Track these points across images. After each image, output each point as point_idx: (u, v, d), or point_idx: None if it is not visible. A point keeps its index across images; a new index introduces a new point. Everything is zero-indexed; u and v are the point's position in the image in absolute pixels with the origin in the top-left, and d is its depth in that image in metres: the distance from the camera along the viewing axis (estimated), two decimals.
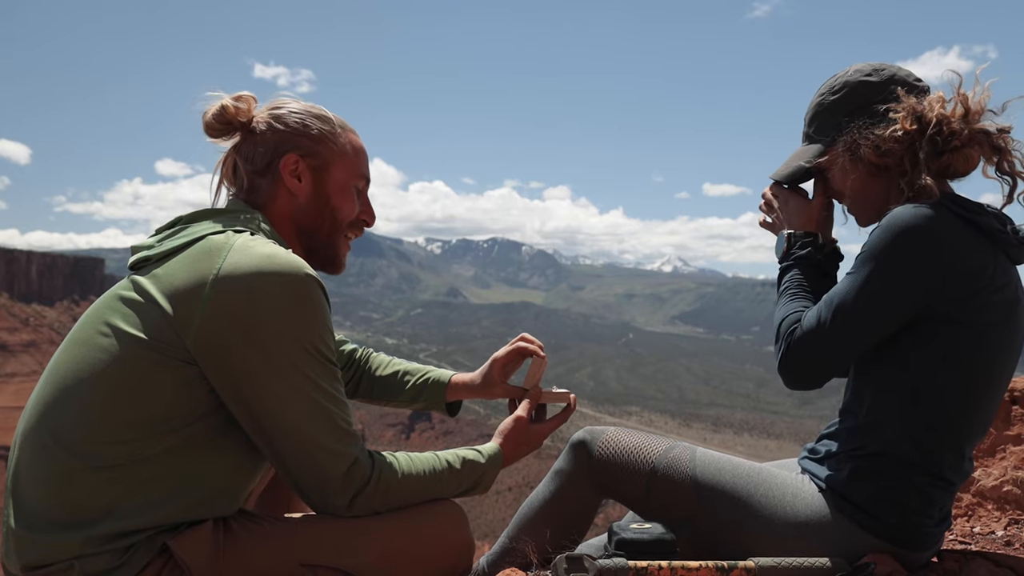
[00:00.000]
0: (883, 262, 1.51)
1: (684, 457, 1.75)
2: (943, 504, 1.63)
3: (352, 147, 1.65)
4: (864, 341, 1.58)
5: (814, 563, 1.50)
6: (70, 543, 1.31)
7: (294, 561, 1.42)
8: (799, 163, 1.79)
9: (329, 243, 1.65)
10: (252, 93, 1.61)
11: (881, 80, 1.68)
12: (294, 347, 1.36)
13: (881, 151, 1.62)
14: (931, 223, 1.49)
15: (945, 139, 1.56)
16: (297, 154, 1.58)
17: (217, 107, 1.57)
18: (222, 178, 1.64)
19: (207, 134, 1.60)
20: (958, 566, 1.65)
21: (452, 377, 2.01)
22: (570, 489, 1.82)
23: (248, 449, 1.44)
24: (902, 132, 1.59)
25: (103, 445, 1.33)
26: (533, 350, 1.90)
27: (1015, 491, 2.44)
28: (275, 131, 1.58)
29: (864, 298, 1.53)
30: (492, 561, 1.86)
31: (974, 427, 1.61)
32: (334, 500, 1.43)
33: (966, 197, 1.61)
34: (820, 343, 1.57)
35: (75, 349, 1.41)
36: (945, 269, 1.49)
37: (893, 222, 1.51)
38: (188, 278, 1.36)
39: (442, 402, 2.01)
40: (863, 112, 1.66)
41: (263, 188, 1.59)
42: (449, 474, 1.58)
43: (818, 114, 1.76)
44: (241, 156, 1.60)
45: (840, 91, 1.71)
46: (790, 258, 1.78)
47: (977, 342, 1.53)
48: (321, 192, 1.61)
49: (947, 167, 1.60)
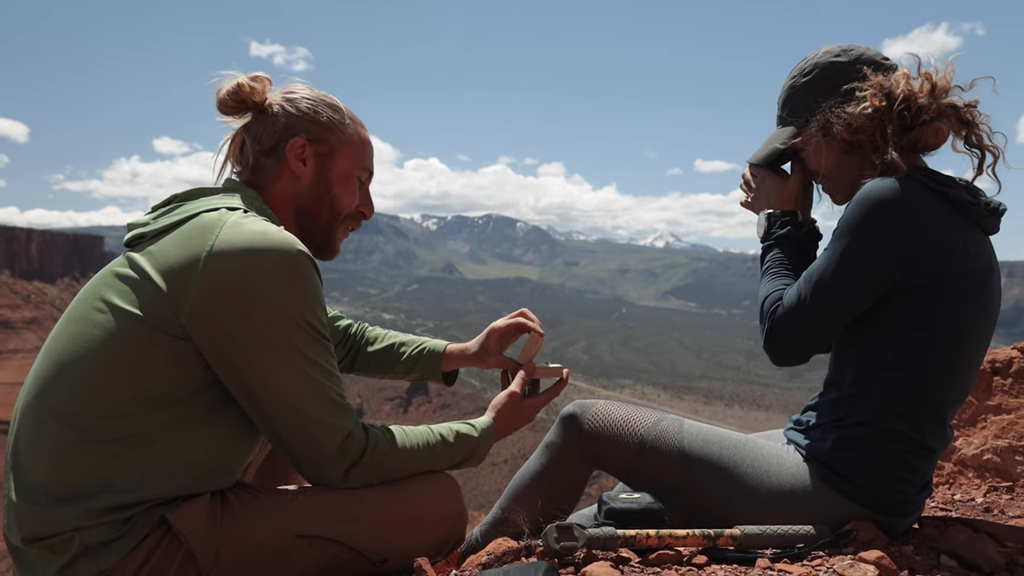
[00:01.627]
0: (857, 235, 1.53)
1: (672, 429, 1.76)
2: (925, 472, 1.65)
3: (359, 139, 1.66)
4: (844, 314, 1.59)
5: (798, 530, 1.52)
6: (69, 515, 1.32)
7: (290, 532, 1.43)
8: (774, 145, 1.81)
9: (326, 229, 1.65)
10: (268, 75, 1.61)
11: (849, 60, 1.70)
12: (286, 322, 1.36)
13: (853, 128, 1.64)
14: (901, 195, 1.51)
15: (913, 114, 1.59)
16: (305, 138, 1.58)
17: (233, 84, 1.56)
18: (228, 156, 1.64)
19: (220, 111, 1.59)
20: (938, 532, 1.67)
21: (447, 347, 2.03)
22: (561, 461, 1.84)
23: (244, 423, 1.45)
24: (872, 109, 1.61)
25: (100, 420, 1.34)
26: (532, 327, 1.92)
27: (995, 459, 2.46)
28: (286, 114, 1.59)
29: (841, 271, 1.54)
30: (485, 531, 1.88)
31: (954, 394, 1.62)
32: (329, 472, 1.44)
33: (937, 170, 1.63)
34: (801, 319, 1.59)
35: (72, 325, 1.41)
36: (917, 239, 1.51)
37: (864, 195, 1.53)
38: (182, 255, 1.35)
39: (438, 371, 2.03)
40: (834, 92, 1.69)
41: (267, 168, 1.59)
42: (443, 447, 1.59)
43: (791, 96, 1.78)
44: (250, 135, 1.60)
45: (811, 73, 1.73)
46: (771, 237, 1.80)
47: (954, 311, 1.55)
48: (324, 178, 1.61)
49: (917, 141, 1.62)
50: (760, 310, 1.66)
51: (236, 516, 1.41)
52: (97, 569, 1.31)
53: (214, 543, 1.36)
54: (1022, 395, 2.55)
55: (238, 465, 1.50)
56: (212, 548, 1.36)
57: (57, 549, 1.33)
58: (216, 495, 1.42)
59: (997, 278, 1.61)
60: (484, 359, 1.99)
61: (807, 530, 1.52)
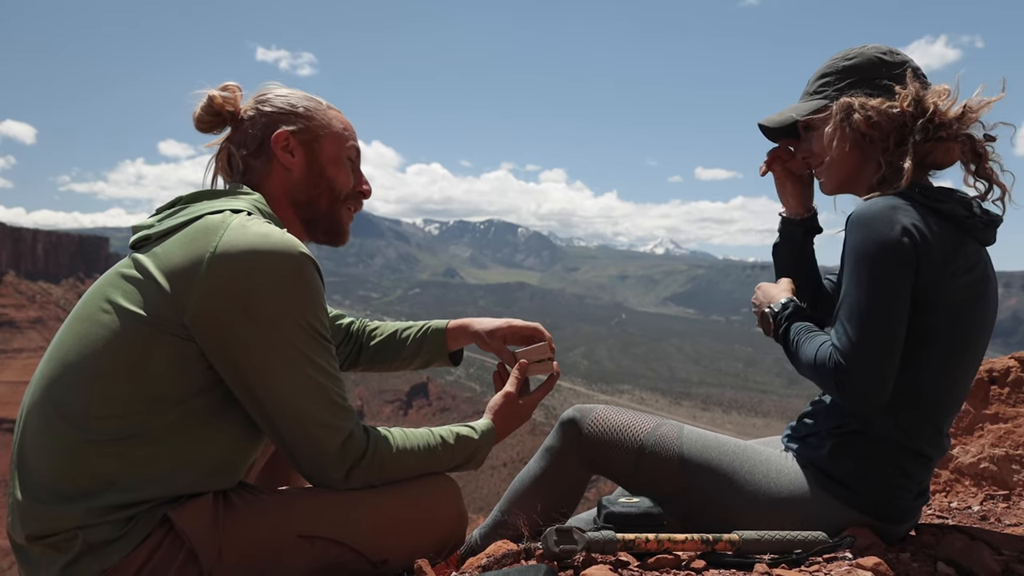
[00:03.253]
0: (873, 254, 1.50)
1: (671, 435, 1.76)
2: (921, 479, 1.64)
3: (340, 121, 1.67)
4: (899, 330, 1.51)
5: (796, 536, 1.52)
6: (73, 514, 1.31)
7: (292, 532, 1.43)
8: (791, 114, 1.79)
9: (331, 213, 1.66)
10: (237, 83, 1.63)
11: (894, 61, 1.68)
12: (288, 323, 1.36)
13: (872, 122, 1.62)
14: (899, 212, 1.50)
15: (935, 128, 1.58)
16: (287, 130, 1.59)
17: (205, 100, 1.59)
18: (216, 171, 1.65)
19: (198, 128, 1.61)
20: (935, 539, 1.67)
21: (449, 323, 2.04)
22: (560, 465, 1.83)
23: (247, 424, 1.45)
24: (898, 110, 1.60)
25: (105, 419, 1.34)
26: (547, 337, 1.91)
27: (991, 468, 2.46)
28: (263, 114, 1.60)
29: (874, 292, 1.50)
30: (485, 534, 1.88)
31: (950, 402, 1.62)
32: (330, 473, 1.44)
33: (932, 185, 1.63)
34: (863, 354, 1.50)
35: (78, 325, 1.41)
36: (918, 253, 1.49)
37: (864, 216, 1.51)
38: (185, 256, 1.36)
39: (444, 351, 2.03)
40: (868, 84, 1.67)
41: (258, 168, 1.60)
42: (443, 449, 1.59)
43: (826, 74, 1.75)
44: (234, 144, 1.61)
45: (853, 59, 1.71)
46: (781, 322, 1.72)
47: (951, 321, 1.54)
48: (314, 164, 1.62)
49: (927, 155, 1.62)
50: (815, 368, 1.56)
51: (238, 516, 1.40)
52: (100, 567, 1.31)
53: (216, 542, 1.36)
54: (1019, 404, 2.54)
55: (241, 465, 1.50)
56: (214, 547, 1.36)
57: (60, 547, 1.33)
58: (219, 495, 1.42)
59: (994, 287, 1.61)
60: (488, 341, 1.98)
61: (805, 536, 1.52)
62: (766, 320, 1.77)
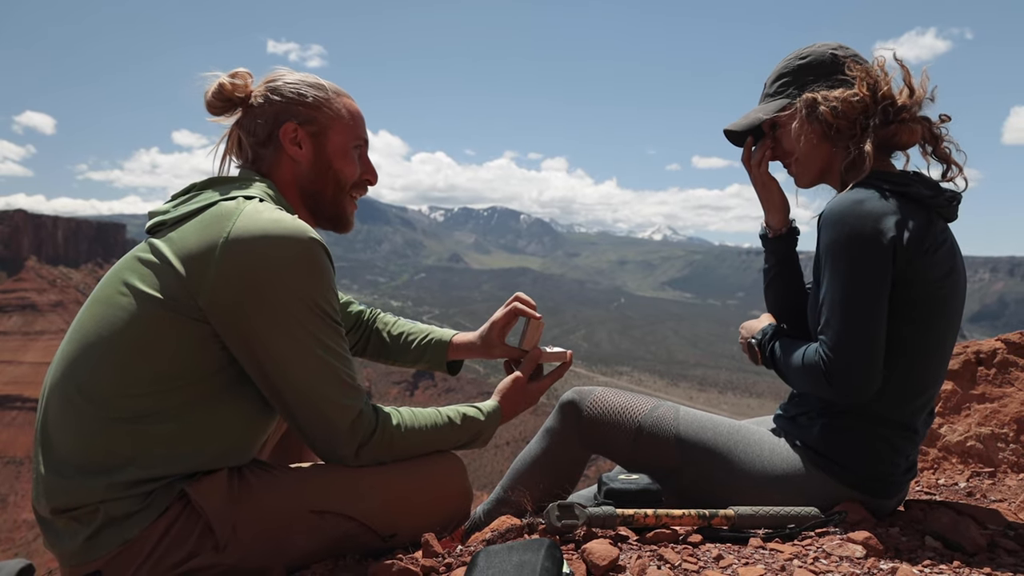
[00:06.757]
0: (848, 246, 1.49)
1: (668, 416, 1.76)
2: (909, 454, 1.65)
3: (348, 111, 1.63)
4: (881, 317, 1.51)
5: (789, 511, 1.52)
6: (95, 489, 1.33)
7: (303, 507, 1.44)
8: (758, 115, 1.78)
9: (335, 203, 1.64)
10: (247, 69, 1.60)
11: (845, 55, 1.70)
12: (299, 306, 1.36)
13: (837, 112, 1.63)
14: (868, 205, 1.50)
15: (896, 111, 1.60)
16: (295, 122, 1.57)
17: (215, 86, 1.57)
18: (227, 152, 1.63)
19: (209, 112, 1.59)
20: (923, 514, 1.67)
21: (453, 338, 2.01)
22: (560, 446, 1.83)
23: (260, 402, 1.45)
24: (859, 98, 1.61)
25: (124, 398, 1.34)
26: (528, 312, 1.88)
27: (978, 446, 2.46)
28: (272, 103, 1.58)
29: (853, 283, 1.50)
30: (488, 510, 1.88)
31: (933, 375, 1.63)
32: (341, 450, 1.44)
33: (894, 170, 1.64)
34: (851, 345, 1.49)
35: (97, 307, 1.41)
36: (892, 242, 1.49)
37: (835, 212, 1.51)
38: (200, 241, 1.36)
39: (444, 362, 2.02)
40: (826, 78, 1.69)
41: (267, 157, 1.59)
42: (450, 428, 1.59)
43: (784, 74, 1.76)
44: (243, 130, 1.60)
45: (807, 57, 1.72)
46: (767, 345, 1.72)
47: (928, 296, 1.55)
48: (322, 156, 1.60)
49: (893, 136, 1.63)
50: (804, 371, 1.56)
51: (252, 491, 1.41)
52: (121, 539, 1.32)
53: (231, 517, 1.37)
54: (1005, 385, 2.54)
55: (255, 442, 1.50)
56: (229, 521, 1.37)
57: (83, 519, 1.34)
58: (234, 471, 1.43)
59: (961, 260, 1.62)
60: (489, 351, 1.96)
61: (798, 511, 1.52)
62: (752, 350, 1.77)
